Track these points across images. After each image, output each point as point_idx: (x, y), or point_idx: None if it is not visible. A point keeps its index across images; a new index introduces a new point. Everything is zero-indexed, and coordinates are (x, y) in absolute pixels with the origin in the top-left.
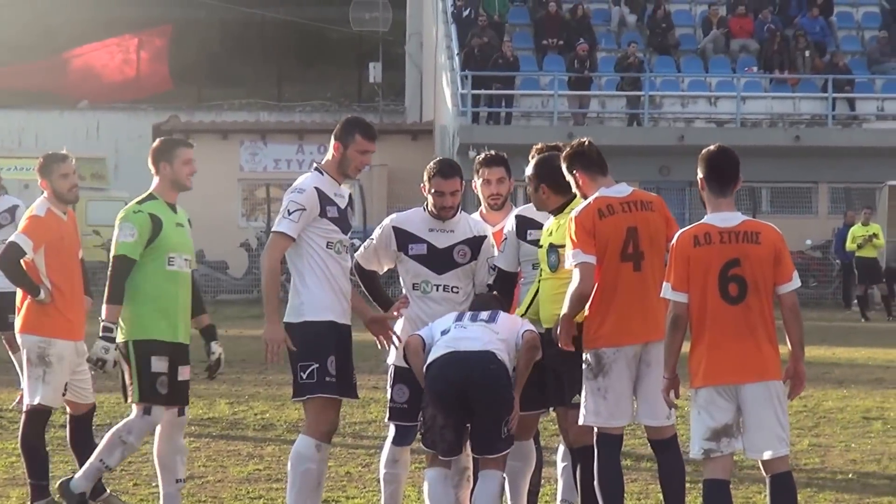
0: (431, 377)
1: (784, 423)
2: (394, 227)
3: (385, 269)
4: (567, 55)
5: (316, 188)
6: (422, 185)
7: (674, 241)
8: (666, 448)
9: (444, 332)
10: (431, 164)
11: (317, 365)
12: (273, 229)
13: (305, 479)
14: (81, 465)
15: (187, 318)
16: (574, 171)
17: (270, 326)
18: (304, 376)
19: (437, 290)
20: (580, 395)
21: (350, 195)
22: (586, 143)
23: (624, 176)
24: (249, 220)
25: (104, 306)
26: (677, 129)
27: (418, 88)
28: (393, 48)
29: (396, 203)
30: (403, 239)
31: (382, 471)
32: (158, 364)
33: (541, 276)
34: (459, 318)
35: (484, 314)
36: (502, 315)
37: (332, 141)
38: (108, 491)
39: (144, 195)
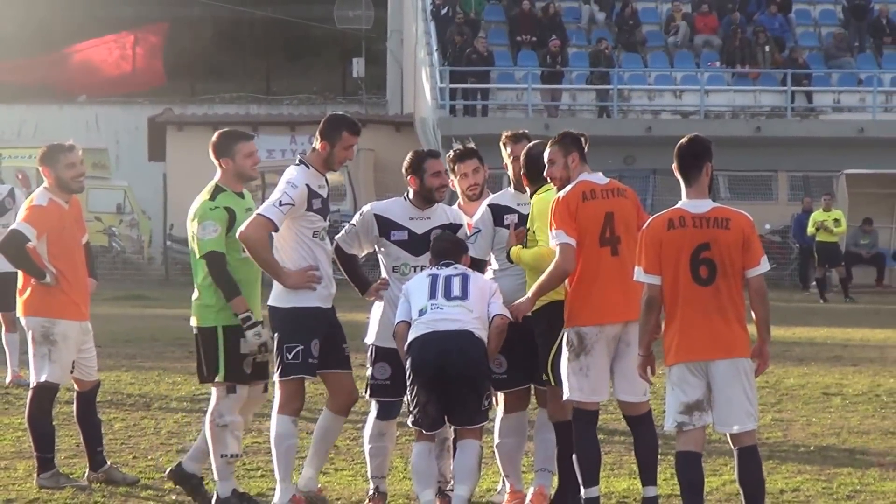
0: (413, 356)
1: (752, 398)
2: (375, 215)
3: (364, 252)
4: (540, 51)
5: (307, 185)
6: (408, 176)
7: (645, 226)
8: (640, 423)
9: (421, 312)
10: (412, 153)
11: (302, 347)
12: (259, 212)
13: (290, 453)
14: (86, 439)
15: (259, 299)
16: (571, 153)
17: (286, 275)
18: (290, 357)
19: (415, 270)
20: (545, 374)
21: (327, 182)
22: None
23: (592, 164)
24: None
25: (230, 303)
26: (645, 120)
27: (399, 82)
28: (375, 44)
29: (385, 192)
30: (385, 226)
31: (368, 445)
32: (245, 346)
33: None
34: (433, 293)
35: (456, 288)
36: (472, 286)
37: (319, 138)
38: (109, 463)
39: (212, 187)
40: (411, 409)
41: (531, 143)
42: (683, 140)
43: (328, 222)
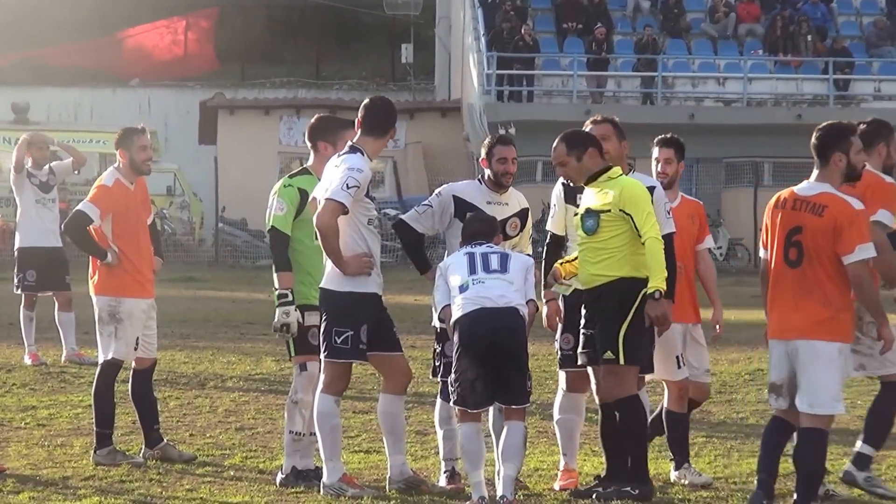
0: (462, 333)
1: (830, 381)
2: (454, 196)
3: (434, 233)
4: (586, 38)
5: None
6: (481, 158)
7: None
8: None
9: (462, 289)
10: (489, 138)
11: (352, 332)
12: (330, 196)
13: (334, 433)
14: (142, 416)
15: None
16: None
17: (346, 263)
18: (339, 341)
19: None
20: (611, 352)
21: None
22: None
23: (637, 151)
24: None
25: (275, 276)
26: (688, 107)
27: (447, 68)
28: (423, 31)
29: (437, 177)
30: (462, 207)
31: (439, 429)
32: (310, 318)
33: (578, 241)
34: (472, 269)
35: (494, 261)
36: (511, 260)
37: (386, 125)
38: (165, 440)
39: (299, 169)
40: (455, 387)
41: (575, 130)
42: (823, 124)
43: (380, 207)
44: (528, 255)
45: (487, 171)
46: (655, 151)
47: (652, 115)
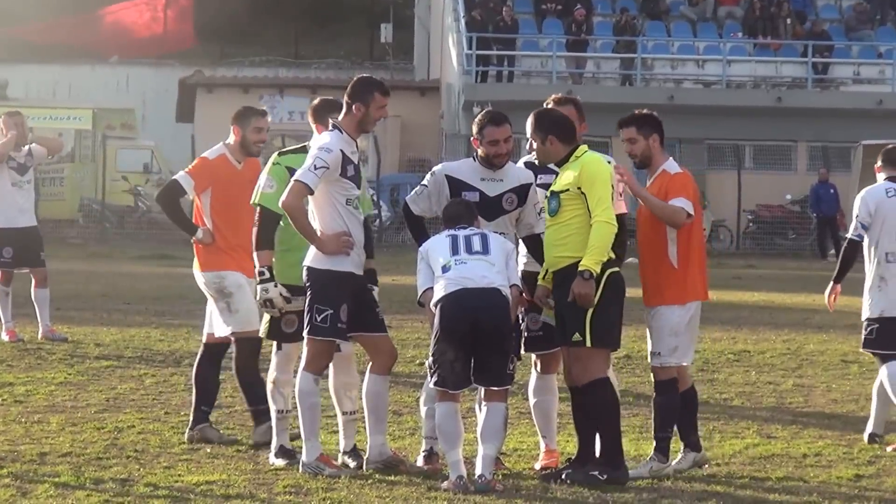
0: (443, 313)
1: None
2: (447, 176)
3: (433, 214)
4: (565, 19)
5: (341, 150)
6: (473, 137)
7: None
8: None
9: (444, 269)
10: (480, 115)
11: (331, 311)
12: (296, 178)
13: (313, 411)
14: (199, 394)
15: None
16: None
17: (322, 241)
18: (319, 319)
19: None
20: (579, 334)
21: (358, 148)
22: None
23: (616, 132)
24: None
25: (256, 253)
26: (667, 88)
27: (426, 48)
28: (403, 10)
29: (408, 151)
30: (457, 187)
31: (423, 406)
32: (297, 303)
33: (546, 224)
34: (455, 250)
35: (476, 243)
36: (491, 242)
37: (352, 101)
38: (209, 422)
39: (297, 146)
40: (435, 367)
41: (545, 108)
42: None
43: (360, 191)
44: (540, 231)
45: (479, 150)
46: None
47: (631, 96)
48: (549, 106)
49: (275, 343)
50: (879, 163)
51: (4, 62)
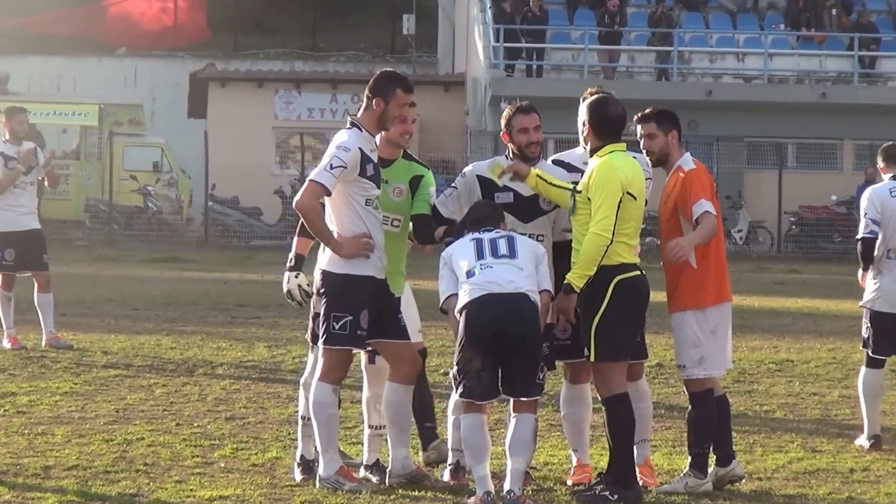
0: (468, 320)
1: None
2: (478, 176)
3: (461, 217)
4: (597, 10)
5: (359, 148)
6: (501, 133)
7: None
8: None
9: (469, 274)
10: (507, 109)
11: (350, 318)
12: (311, 178)
13: (330, 423)
14: (417, 414)
15: (401, 275)
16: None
17: (339, 244)
18: (337, 326)
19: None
20: (587, 348)
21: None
22: None
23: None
24: (283, 167)
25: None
26: (705, 84)
27: (451, 41)
28: (426, 0)
29: (430, 152)
30: (489, 187)
31: (451, 416)
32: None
33: None
34: (480, 254)
35: (502, 246)
36: (519, 245)
37: (372, 97)
38: (439, 439)
39: None
40: (460, 378)
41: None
42: None
43: (380, 191)
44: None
45: (510, 146)
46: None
47: (667, 92)
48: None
49: (364, 356)
50: (881, 162)
51: (5, 54)
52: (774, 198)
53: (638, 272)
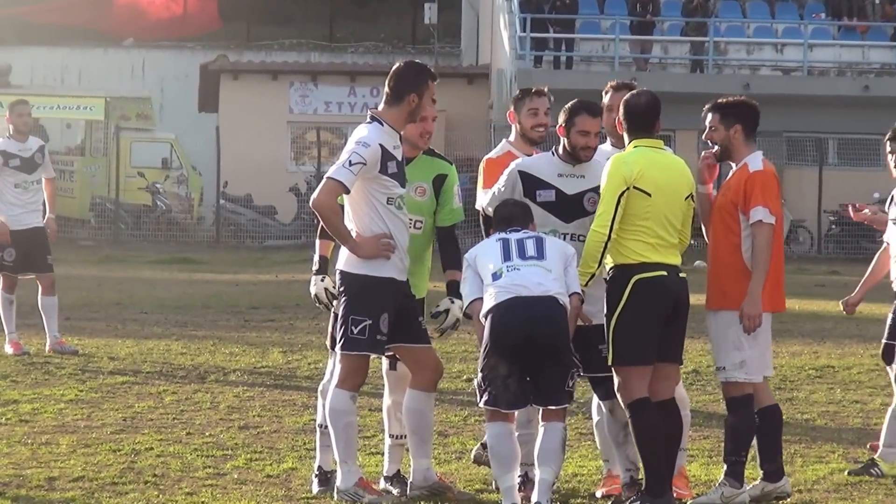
0: (494, 324)
1: None
2: (520, 172)
3: None
4: None
5: (380, 144)
6: (558, 126)
7: None
8: None
9: (495, 276)
10: (571, 103)
11: (370, 322)
12: (329, 175)
13: (348, 432)
14: None
15: (425, 276)
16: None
17: (358, 244)
18: (356, 331)
19: (565, 239)
20: (605, 349)
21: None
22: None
23: (688, 124)
24: (298, 163)
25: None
26: (742, 76)
27: (475, 31)
28: None
29: (453, 151)
30: (531, 184)
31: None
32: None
33: None
34: (507, 255)
35: (530, 247)
36: (548, 246)
37: (405, 91)
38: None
39: None
40: (486, 385)
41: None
42: None
43: (405, 190)
44: None
45: (564, 141)
46: (535, 101)
47: (702, 84)
48: (608, 93)
49: (385, 362)
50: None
51: (7, 45)
52: (815, 196)
53: (662, 272)
